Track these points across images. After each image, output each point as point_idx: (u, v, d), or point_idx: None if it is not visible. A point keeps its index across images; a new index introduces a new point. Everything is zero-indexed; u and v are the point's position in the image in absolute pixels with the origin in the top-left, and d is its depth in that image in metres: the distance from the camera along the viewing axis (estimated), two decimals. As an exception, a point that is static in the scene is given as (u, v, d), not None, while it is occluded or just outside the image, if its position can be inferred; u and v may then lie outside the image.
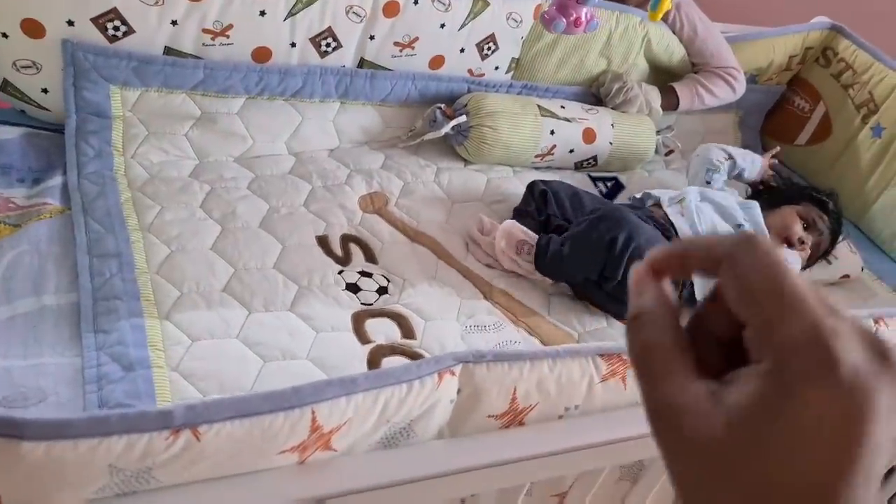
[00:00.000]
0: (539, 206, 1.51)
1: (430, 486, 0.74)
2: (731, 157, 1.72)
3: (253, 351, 1.11)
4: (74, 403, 0.99)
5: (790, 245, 1.59)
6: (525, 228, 1.39)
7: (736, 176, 1.74)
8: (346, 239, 1.39)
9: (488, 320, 1.31)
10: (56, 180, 1.32)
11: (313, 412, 0.67)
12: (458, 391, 0.79)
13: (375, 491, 0.71)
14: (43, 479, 0.57)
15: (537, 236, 1.38)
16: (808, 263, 1.65)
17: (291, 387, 0.66)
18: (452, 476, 0.74)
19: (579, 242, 1.33)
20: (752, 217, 1.58)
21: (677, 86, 1.88)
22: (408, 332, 1.24)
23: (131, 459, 0.60)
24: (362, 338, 1.20)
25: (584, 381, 0.84)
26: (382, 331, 1.22)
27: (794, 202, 1.67)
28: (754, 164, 1.75)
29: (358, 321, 1.23)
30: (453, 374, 0.77)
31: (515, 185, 1.64)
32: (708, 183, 1.67)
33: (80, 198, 1.28)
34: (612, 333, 1.36)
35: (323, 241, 1.36)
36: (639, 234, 1.30)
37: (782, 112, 2.15)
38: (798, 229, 1.60)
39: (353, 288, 1.29)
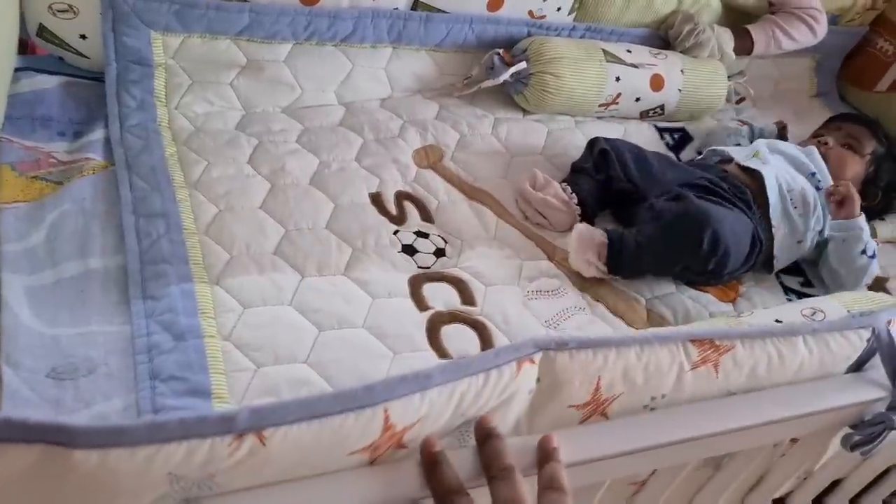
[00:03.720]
0: (598, 165, 1.40)
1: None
2: (744, 122, 1.64)
3: (307, 318, 1.06)
4: (125, 374, 0.95)
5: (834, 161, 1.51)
6: (596, 230, 1.26)
7: (758, 135, 1.64)
8: (401, 196, 1.31)
9: (551, 285, 1.23)
10: (98, 134, 1.25)
11: (386, 411, 0.61)
12: (538, 380, 0.72)
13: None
14: (96, 490, 0.52)
15: (606, 234, 1.25)
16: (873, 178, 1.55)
17: (363, 385, 0.59)
18: (530, 477, 0.68)
19: (660, 245, 1.22)
20: (816, 163, 1.49)
21: (752, 28, 1.73)
22: (468, 298, 1.17)
23: (192, 467, 0.54)
24: (420, 304, 1.13)
25: (674, 370, 0.76)
26: (441, 296, 1.15)
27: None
28: (767, 125, 1.68)
29: (415, 286, 1.16)
30: (533, 362, 0.70)
31: (578, 138, 1.53)
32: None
33: (124, 152, 1.21)
34: (682, 298, 1.27)
35: (376, 199, 1.29)
36: (724, 228, 1.19)
37: (863, 55, 1.97)
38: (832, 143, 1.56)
39: (410, 250, 1.22)
